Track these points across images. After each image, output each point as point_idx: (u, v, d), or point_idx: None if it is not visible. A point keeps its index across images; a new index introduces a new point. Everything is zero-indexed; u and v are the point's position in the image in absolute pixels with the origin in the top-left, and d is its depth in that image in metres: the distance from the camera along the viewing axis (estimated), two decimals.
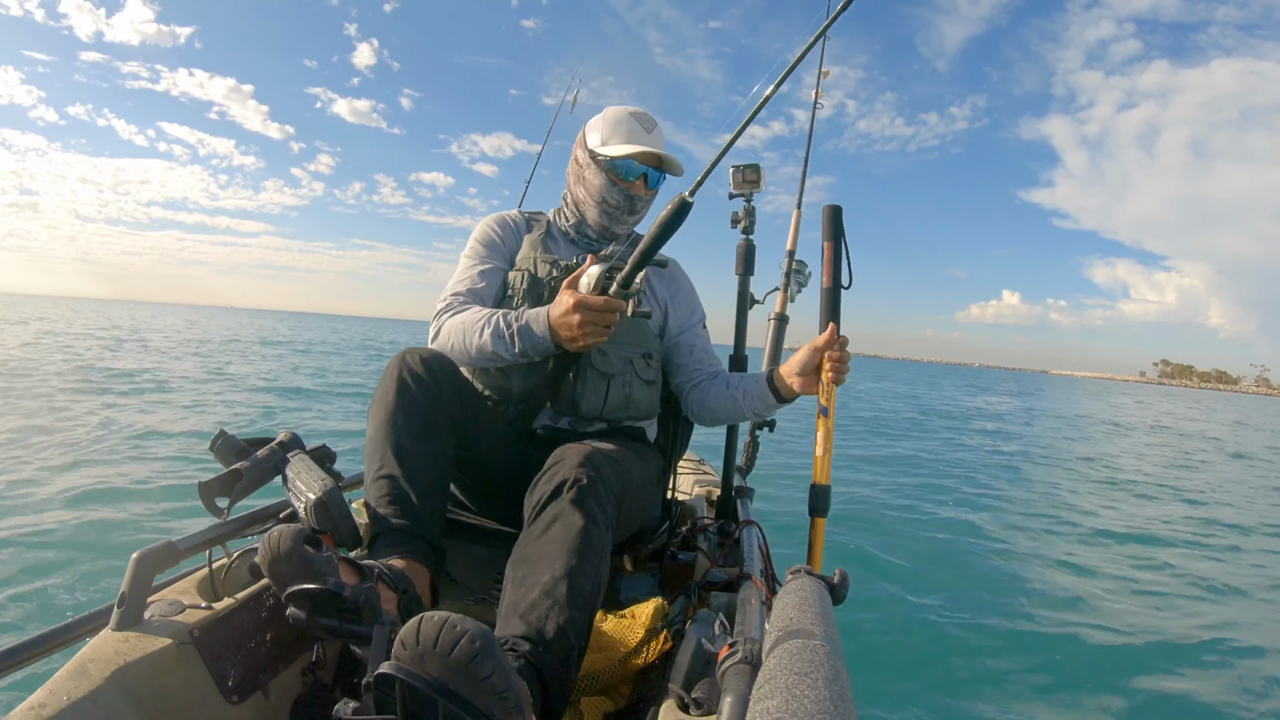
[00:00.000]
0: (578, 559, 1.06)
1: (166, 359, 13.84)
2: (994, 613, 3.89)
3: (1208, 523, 7.12)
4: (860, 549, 4.77)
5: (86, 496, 4.30)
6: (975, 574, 4.56)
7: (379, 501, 1.22)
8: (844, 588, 1.03)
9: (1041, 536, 5.80)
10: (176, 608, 1.05)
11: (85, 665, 0.89)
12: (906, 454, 9.93)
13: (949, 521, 5.88)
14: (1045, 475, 9.36)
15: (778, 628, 0.82)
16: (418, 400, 1.29)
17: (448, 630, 0.73)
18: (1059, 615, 3.97)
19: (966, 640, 3.51)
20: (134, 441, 5.77)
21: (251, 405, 8.86)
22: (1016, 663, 3.32)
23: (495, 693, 0.73)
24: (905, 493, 6.91)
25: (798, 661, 0.69)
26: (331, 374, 13.63)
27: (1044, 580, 4.59)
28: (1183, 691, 3.21)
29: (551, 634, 0.97)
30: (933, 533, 5.47)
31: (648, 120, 1.63)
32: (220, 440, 1.45)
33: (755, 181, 2.19)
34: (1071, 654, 3.48)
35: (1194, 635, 3.88)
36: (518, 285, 1.58)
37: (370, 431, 1.30)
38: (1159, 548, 5.80)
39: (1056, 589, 4.44)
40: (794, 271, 2.43)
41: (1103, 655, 3.51)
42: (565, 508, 1.12)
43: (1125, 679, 3.26)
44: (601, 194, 1.60)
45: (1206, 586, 4.82)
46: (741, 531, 1.59)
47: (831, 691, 0.63)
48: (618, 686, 1.16)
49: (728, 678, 0.85)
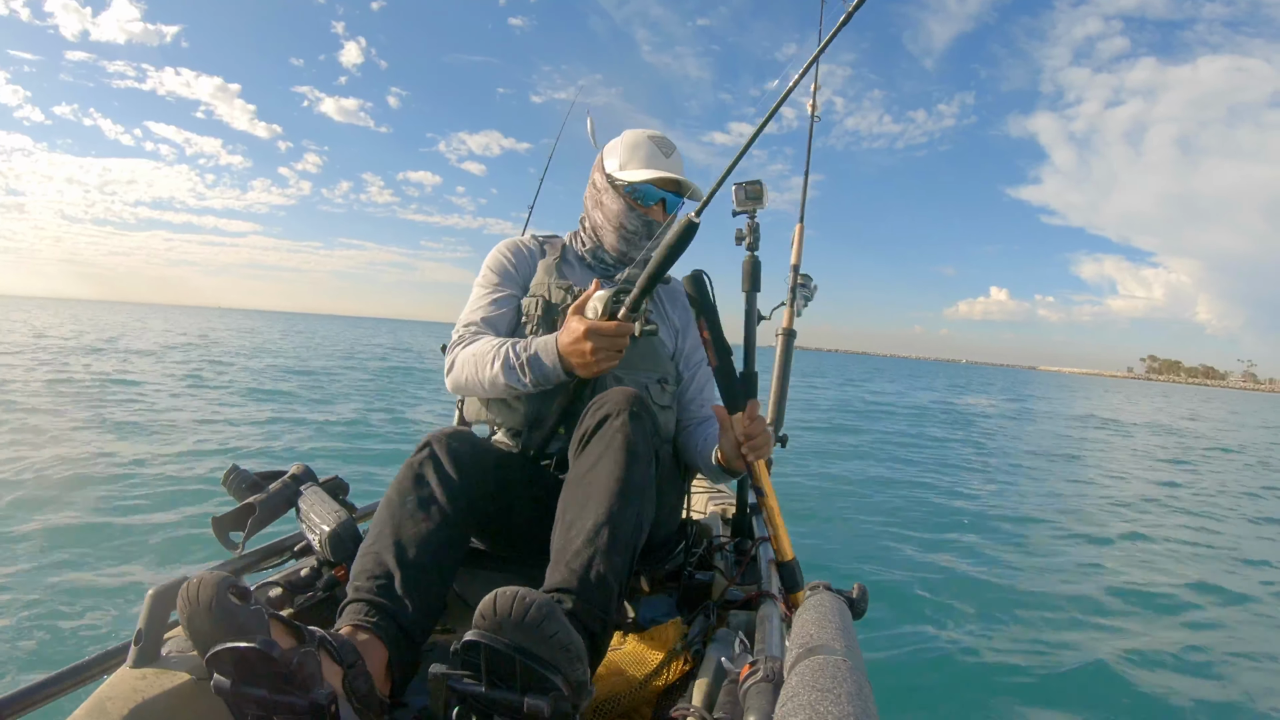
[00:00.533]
0: (620, 501, 1.12)
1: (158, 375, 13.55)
2: (1013, 622, 3.84)
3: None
4: (864, 565, 4.73)
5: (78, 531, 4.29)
6: (987, 586, 4.50)
7: (357, 575, 1.10)
8: (863, 602, 1.02)
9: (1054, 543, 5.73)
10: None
11: (103, 703, 0.89)
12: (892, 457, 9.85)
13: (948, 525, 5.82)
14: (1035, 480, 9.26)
15: (798, 645, 0.81)
16: (433, 491, 1.20)
17: (519, 601, 0.85)
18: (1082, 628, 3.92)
19: (987, 654, 3.45)
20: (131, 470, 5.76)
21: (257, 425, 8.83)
22: (1035, 674, 3.27)
23: (561, 647, 0.86)
24: (903, 501, 6.84)
25: (820, 678, 0.68)
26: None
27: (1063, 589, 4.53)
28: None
29: (594, 582, 1.05)
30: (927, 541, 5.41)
31: (666, 144, 1.63)
32: (232, 475, 1.45)
33: (759, 197, 2.20)
34: (1092, 667, 3.42)
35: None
36: (532, 312, 1.56)
37: (377, 510, 1.21)
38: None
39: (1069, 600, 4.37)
40: (799, 286, 2.44)
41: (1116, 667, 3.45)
42: (610, 441, 1.19)
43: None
44: (620, 219, 1.60)
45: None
46: (758, 549, 1.57)
47: (855, 707, 0.62)
48: (639, 709, 1.15)
49: (750, 697, 0.84)
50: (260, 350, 23.23)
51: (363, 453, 7.52)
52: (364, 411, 10.46)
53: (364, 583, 1.08)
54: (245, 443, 7.39)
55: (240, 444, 7.29)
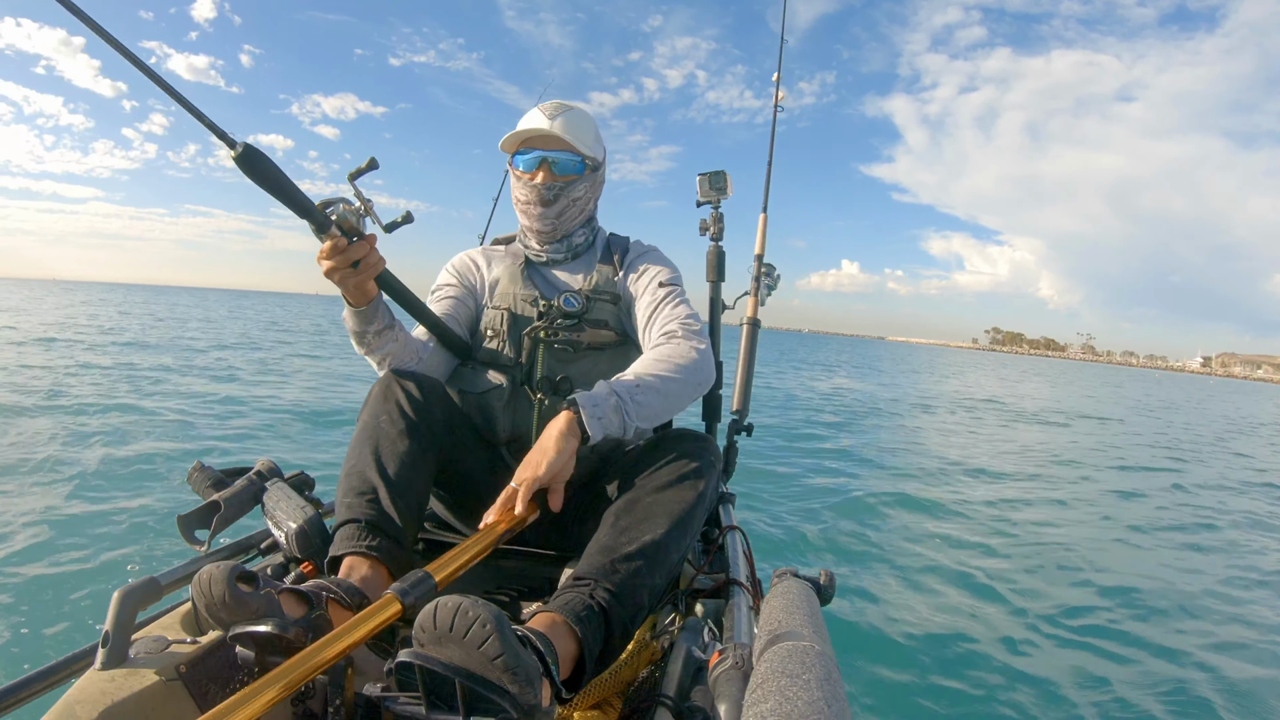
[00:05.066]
0: (680, 531, 1.16)
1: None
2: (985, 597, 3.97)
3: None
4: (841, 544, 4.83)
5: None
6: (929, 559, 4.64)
7: (345, 494, 1.21)
8: (830, 588, 1.05)
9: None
10: (162, 644, 1.03)
11: (72, 707, 0.88)
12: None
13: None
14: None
15: (767, 631, 0.83)
16: (403, 408, 1.29)
17: (461, 615, 0.78)
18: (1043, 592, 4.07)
19: (957, 636, 3.56)
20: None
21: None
22: (1013, 653, 3.39)
23: (507, 669, 0.78)
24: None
25: (789, 664, 0.70)
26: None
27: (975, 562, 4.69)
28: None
29: (633, 591, 1.08)
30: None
31: (551, 107, 1.52)
32: (196, 472, 1.43)
33: (723, 188, 2.22)
34: (1062, 650, 3.56)
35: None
36: (498, 326, 1.52)
37: (353, 438, 1.30)
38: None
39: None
40: (763, 275, 2.47)
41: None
42: (688, 476, 1.22)
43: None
44: (515, 197, 1.56)
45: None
46: (725, 537, 1.60)
47: (824, 692, 0.64)
48: (610, 700, 1.17)
49: (720, 684, 0.86)
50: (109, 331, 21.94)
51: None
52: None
53: (353, 499, 1.19)
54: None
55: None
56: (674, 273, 1.59)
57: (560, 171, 1.51)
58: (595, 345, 1.49)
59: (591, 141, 1.54)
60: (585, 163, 1.53)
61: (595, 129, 1.57)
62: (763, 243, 2.52)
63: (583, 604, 1.03)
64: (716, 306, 2.19)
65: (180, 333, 22.00)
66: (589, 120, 1.56)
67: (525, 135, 1.51)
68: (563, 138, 1.48)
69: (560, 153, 1.50)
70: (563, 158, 1.50)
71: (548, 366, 1.47)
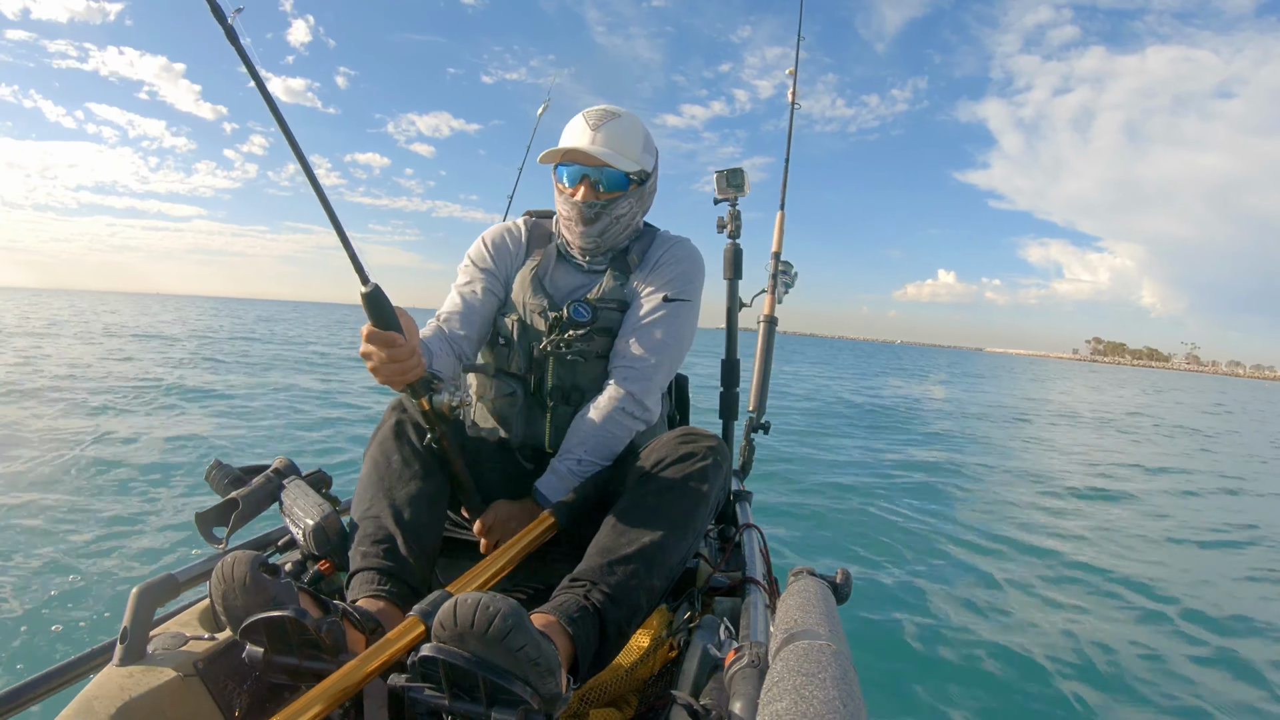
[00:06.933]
0: (680, 533, 1.17)
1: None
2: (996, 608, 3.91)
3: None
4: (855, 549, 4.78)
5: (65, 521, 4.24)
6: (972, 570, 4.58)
7: (361, 541, 1.18)
8: (847, 587, 1.03)
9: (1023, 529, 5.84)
10: (180, 640, 1.04)
11: (90, 703, 0.89)
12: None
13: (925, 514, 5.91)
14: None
15: (783, 630, 0.82)
16: (415, 447, 1.28)
17: (482, 610, 0.80)
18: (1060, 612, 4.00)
19: (972, 638, 3.51)
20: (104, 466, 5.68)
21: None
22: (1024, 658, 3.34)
23: (529, 660, 0.81)
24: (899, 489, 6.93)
25: (804, 663, 0.69)
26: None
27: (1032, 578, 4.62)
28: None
29: (629, 593, 1.08)
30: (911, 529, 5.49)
31: (595, 115, 1.44)
32: (214, 470, 1.44)
33: (740, 186, 2.20)
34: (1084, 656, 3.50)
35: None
36: (510, 334, 1.49)
37: (362, 473, 1.29)
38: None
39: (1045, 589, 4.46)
40: (780, 273, 2.45)
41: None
42: (691, 478, 1.21)
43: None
44: (558, 207, 1.50)
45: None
46: (742, 535, 1.59)
47: (840, 691, 0.63)
48: (626, 697, 1.16)
49: (735, 683, 0.85)
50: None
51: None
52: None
53: (369, 548, 1.16)
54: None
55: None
56: (687, 280, 1.51)
57: (605, 189, 1.43)
58: (604, 354, 1.47)
59: (638, 152, 1.46)
60: (631, 177, 1.45)
61: (644, 135, 1.48)
62: (780, 240, 2.50)
63: (577, 605, 1.04)
64: (734, 303, 2.18)
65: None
66: (636, 128, 1.46)
67: (562, 153, 1.43)
68: (604, 158, 1.40)
69: (604, 169, 1.42)
70: (607, 173, 1.42)
71: (558, 376, 1.47)
